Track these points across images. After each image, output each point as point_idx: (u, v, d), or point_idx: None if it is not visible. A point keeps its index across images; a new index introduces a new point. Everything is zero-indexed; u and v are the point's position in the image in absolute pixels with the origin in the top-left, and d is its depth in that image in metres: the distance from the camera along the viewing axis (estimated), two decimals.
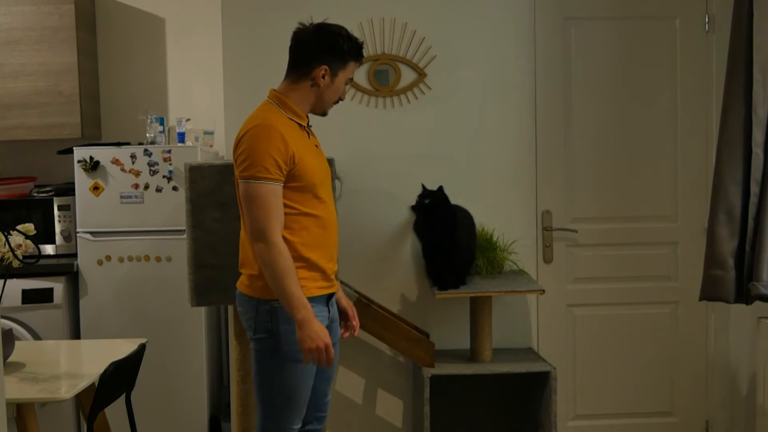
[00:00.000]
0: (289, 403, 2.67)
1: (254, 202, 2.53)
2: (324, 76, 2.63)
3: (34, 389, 2.50)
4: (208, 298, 3.28)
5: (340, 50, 2.64)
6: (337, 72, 2.65)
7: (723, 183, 3.24)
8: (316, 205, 2.63)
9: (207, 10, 4.26)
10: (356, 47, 2.68)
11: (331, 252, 2.70)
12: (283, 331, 2.61)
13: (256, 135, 2.54)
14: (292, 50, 2.68)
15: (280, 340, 2.61)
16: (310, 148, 2.66)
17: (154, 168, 3.82)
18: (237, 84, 3.75)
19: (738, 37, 3.21)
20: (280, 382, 2.65)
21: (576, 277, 3.93)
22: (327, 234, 2.67)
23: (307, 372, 2.66)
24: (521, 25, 3.82)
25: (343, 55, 2.65)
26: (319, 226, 2.63)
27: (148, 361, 3.08)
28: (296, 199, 2.59)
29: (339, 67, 2.65)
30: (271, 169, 2.51)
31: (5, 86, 4.05)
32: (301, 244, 2.59)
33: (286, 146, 2.52)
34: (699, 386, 3.99)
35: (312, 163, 2.61)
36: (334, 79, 2.65)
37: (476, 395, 3.86)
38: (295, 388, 2.65)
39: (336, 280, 2.79)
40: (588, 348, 3.95)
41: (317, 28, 2.68)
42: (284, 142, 2.52)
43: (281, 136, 2.52)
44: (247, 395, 3.41)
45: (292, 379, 2.64)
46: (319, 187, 2.63)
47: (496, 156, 3.83)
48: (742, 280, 3.25)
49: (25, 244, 2.68)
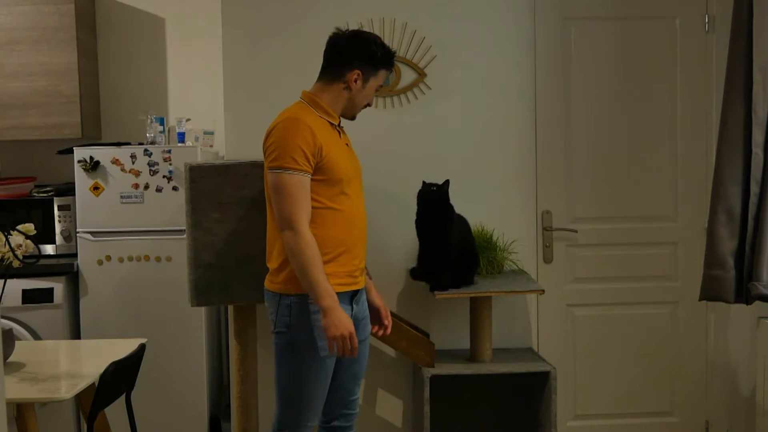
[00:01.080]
0: (302, 399, 2.70)
1: (282, 192, 2.59)
2: (356, 80, 2.73)
3: (34, 389, 2.50)
4: (208, 298, 3.28)
5: (374, 57, 2.75)
6: (369, 78, 2.76)
7: (723, 183, 3.24)
8: (343, 200, 2.69)
9: (207, 10, 4.27)
10: (388, 55, 2.79)
11: (356, 249, 2.73)
12: (299, 326, 2.66)
13: (286, 127, 2.62)
14: (327, 53, 2.79)
15: (296, 335, 2.66)
16: (339, 145, 2.73)
17: (154, 168, 3.82)
18: (237, 84, 3.75)
19: (738, 37, 3.21)
20: (295, 377, 2.69)
21: (576, 277, 3.93)
22: (352, 230, 2.71)
23: (321, 369, 2.69)
24: (521, 25, 3.82)
25: (375, 62, 2.76)
26: (344, 221, 2.69)
27: (148, 361, 3.08)
28: (322, 193, 2.65)
29: (371, 73, 2.76)
30: (299, 160, 2.58)
31: (5, 86, 4.05)
32: (325, 238, 2.64)
33: (314, 139, 2.60)
34: (699, 386, 3.99)
35: (340, 159, 2.68)
36: (365, 84, 2.76)
37: (476, 395, 3.86)
38: (309, 384, 2.69)
39: (365, 277, 2.86)
40: (588, 348, 3.95)
41: (353, 34, 2.80)
42: (312, 134, 2.60)
43: (310, 128, 2.60)
44: (247, 395, 3.42)
45: (307, 374, 2.68)
46: (346, 183, 2.69)
47: (496, 156, 3.83)
48: (742, 280, 3.25)
49: (25, 244, 2.68)
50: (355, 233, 2.73)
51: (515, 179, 3.86)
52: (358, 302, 2.79)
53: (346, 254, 2.70)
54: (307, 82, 3.74)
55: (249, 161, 3.28)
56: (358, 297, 2.79)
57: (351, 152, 2.81)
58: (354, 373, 2.85)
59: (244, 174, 3.25)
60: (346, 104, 2.76)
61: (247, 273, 3.21)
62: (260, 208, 3.25)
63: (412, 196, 3.51)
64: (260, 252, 2.86)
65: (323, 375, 2.72)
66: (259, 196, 3.25)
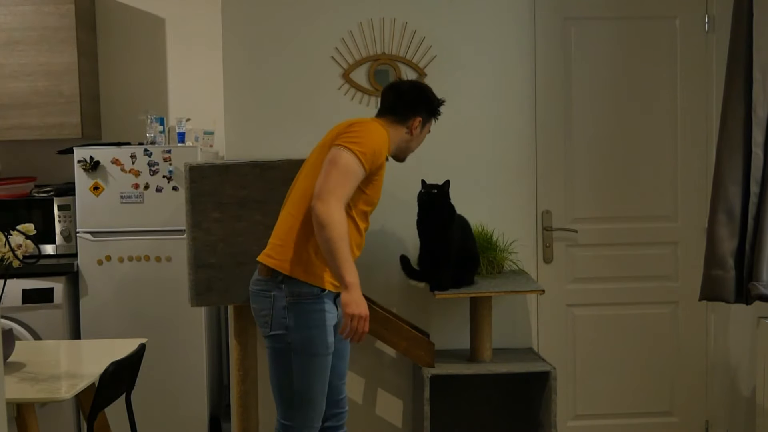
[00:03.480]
0: (309, 401, 2.71)
1: (338, 167, 2.63)
2: (417, 127, 2.90)
3: (34, 389, 2.50)
4: (208, 298, 3.28)
5: (432, 106, 2.97)
6: (426, 124, 2.97)
7: (723, 183, 3.24)
8: (364, 221, 2.82)
9: (207, 10, 4.27)
10: (440, 105, 3.01)
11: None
12: (298, 328, 2.66)
13: (374, 129, 2.78)
14: (390, 98, 2.94)
15: (296, 336, 2.66)
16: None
17: (154, 168, 3.82)
18: (237, 84, 3.75)
19: (738, 37, 3.22)
20: (299, 380, 2.69)
21: (576, 277, 3.93)
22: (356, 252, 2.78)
23: (324, 368, 2.71)
24: (521, 25, 3.82)
25: (433, 111, 2.98)
26: (356, 240, 2.76)
27: (148, 361, 3.08)
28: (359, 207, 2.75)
29: (427, 120, 2.97)
30: (368, 157, 2.67)
31: (5, 86, 4.05)
32: None
33: (384, 154, 2.78)
34: (699, 386, 3.99)
35: (381, 188, 2.84)
36: (422, 130, 2.96)
37: (476, 395, 3.86)
38: (314, 386, 2.70)
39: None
40: (588, 348, 3.95)
41: (416, 84, 3.07)
42: (385, 151, 2.79)
43: (386, 146, 2.80)
44: (247, 395, 3.42)
45: (311, 376, 2.69)
46: (373, 209, 2.85)
47: (496, 156, 3.83)
48: (742, 280, 3.25)
49: (25, 244, 2.68)
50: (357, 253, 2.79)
51: (515, 179, 3.86)
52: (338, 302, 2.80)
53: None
54: (306, 82, 3.77)
55: (249, 161, 3.29)
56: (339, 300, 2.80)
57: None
58: (341, 372, 2.91)
59: (244, 174, 3.25)
60: (403, 146, 2.93)
61: (247, 273, 3.20)
62: (260, 208, 3.25)
63: (412, 196, 3.51)
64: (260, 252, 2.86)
65: (326, 376, 2.74)
66: (259, 196, 3.25)
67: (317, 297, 2.69)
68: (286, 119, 3.74)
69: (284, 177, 3.25)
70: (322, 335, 2.68)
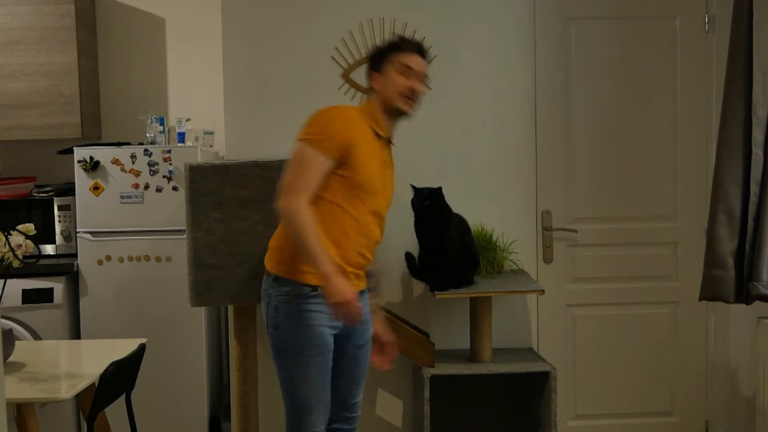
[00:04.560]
0: (302, 403, 2.67)
1: (291, 161, 2.60)
2: (376, 79, 2.75)
3: (34, 389, 2.50)
4: (208, 298, 3.28)
5: (380, 53, 2.78)
6: (381, 68, 2.73)
7: (723, 183, 3.24)
8: (357, 204, 2.64)
9: (207, 10, 4.27)
10: (396, 42, 2.80)
11: (349, 254, 2.66)
12: (286, 328, 2.64)
13: (328, 110, 2.68)
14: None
15: (284, 337, 2.65)
16: (376, 155, 2.70)
17: (154, 168, 3.82)
18: (237, 84, 3.75)
19: (738, 37, 3.22)
20: (290, 380, 2.68)
21: (576, 277, 3.93)
22: (353, 237, 2.65)
23: (314, 372, 2.65)
24: (521, 25, 3.82)
25: (381, 54, 2.77)
26: (349, 226, 2.64)
27: (148, 361, 3.08)
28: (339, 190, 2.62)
29: (382, 64, 2.74)
30: (319, 136, 2.59)
31: (5, 86, 4.05)
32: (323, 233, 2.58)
33: (347, 130, 2.61)
34: (699, 386, 3.99)
35: (370, 167, 2.66)
36: (384, 75, 2.73)
37: (476, 395, 3.86)
38: (305, 387, 2.66)
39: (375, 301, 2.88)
40: (588, 348, 3.95)
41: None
42: (348, 127, 2.62)
43: (347, 120, 2.64)
44: (247, 395, 3.42)
45: (301, 378, 2.66)
46: (368, 192, 2.66)
47: (496, 156, 3.83)
48: (742, 280, 3.26)
49: (26, 244, 2.68)
50: (355, 242, 2.66)
51: (515, 179, 3.86)
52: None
53: (340, 257, 2.62)
54: (306, 81, 3.77)
55: (249, 161, 3.28)
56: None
57: (387, 171, 2.78)
58: (353, 376, 2.81)
59: (244, 174, 3.25)
60: (383, 104, 2.73)
61: (247, 273, 3.21)
62: (260, 208, 3.25)
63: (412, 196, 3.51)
64: (260, 252, 2.86)
65: (318, 378, 2.66)
66: (259, 196, 3.25)
67: (306, 296, 2.63)
68: (286, 119, 3.73)
69: None
70: (309, 335, 2.63)
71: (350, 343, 2.76)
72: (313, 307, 2.63)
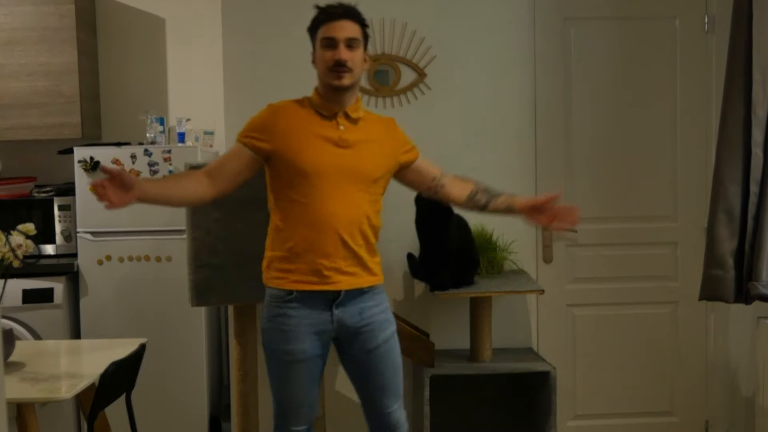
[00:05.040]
0: (279, 401, 2.68)
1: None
2: (313, 55, 2.70)
3: (34, 389, 2.50)
4: (208, 298, 3.28)
5: (310, 27, 2.70)
6: (313, 48, 2.70)
7: (723, 183, 3.24)
8: (310, 194, 2.57)
9: (207, 10, 4.27)
10: (316, 16, 2.68)
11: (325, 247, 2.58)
12: (266, 329, 2.66)
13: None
14: None
15: (265, 337, 2.67)
16: (320, 137, 2.61)
17: (154, 168, 3.82)
18: (237, 84, 3.75)
19: (738, 37, 3.22)
20: (271, 379, 2.69)
21: (576, 277, 3.93)
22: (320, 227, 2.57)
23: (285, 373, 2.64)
24: (521, 25, 3.82)
25: (311, 29, 2.70)
26: (312, 217, 2.57)
27: (148, 361, 3.08)
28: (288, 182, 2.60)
29: (313, 43, 2.70)
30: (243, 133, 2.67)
31: (5, 86, 4.05)
32: (291, 231, 2.59)
33: (273, 122, 2.62)
34: (699, 386, 3.99)
35: (310, 151, 2.58)
36: (315, 55, 2.69)
37: (476, 395, 3.86)
38: (280, 387, 2.66)
39: (507, 198, 2.82)
40: (588, 348, 3.95)
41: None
42: (273, 119, 2.63)
43: (273, 113, 2.65)
44: (247, 395, 3.42)
45: (275, 378, 2.67)
46: (317, 176, 2.57)
47: (496, 156, 3.83)
48: (741, 280, 3.26)
49: (26, 244, 2.68)
50: (326, 232, 2.57)
51: (515, 179, 3.85)
52: (341, 306, 2.63)
53: (311, 252, 2.58)
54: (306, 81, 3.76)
55: None
56: (342, 301, 2.63)
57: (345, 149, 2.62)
58: (378, 385, 2.70)
59: None
60: (322, 83, 2.68)
61: (247, 273, 3.21)
62: (260, 208, 3.25)
63: (412, 196, 3.50)
64: (260, 252, 2.86)
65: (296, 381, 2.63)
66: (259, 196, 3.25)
67: (281, 300, 2.61)
68: None
69: None
70: (285, 339, 2.61)
71: (356, 347, 2.68)
72: (288, 312, 2.61)
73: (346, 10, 2.65)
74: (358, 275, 2.67)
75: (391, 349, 2.71)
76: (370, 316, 2.68)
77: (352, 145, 2.64)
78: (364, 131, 2.69)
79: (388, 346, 2.70)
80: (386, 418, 2.72)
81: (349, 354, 2.70)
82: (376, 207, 2.73)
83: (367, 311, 2.67)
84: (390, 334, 2.71)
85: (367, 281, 2.69)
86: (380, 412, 2.72)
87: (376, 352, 2.67)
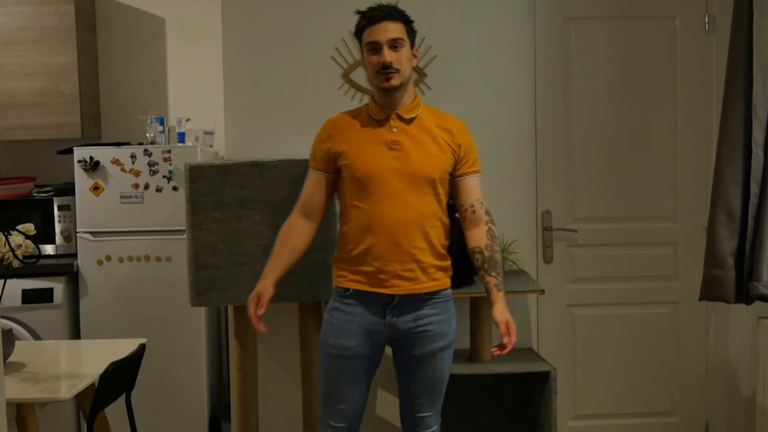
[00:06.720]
0: (322, 395, 2.74)
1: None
2: (363, 60, 2.74)
3: (34, 389, 2.50)
4: (208, 298, 3.28)
5: (355, 33, 2.74)
6: (361, 50, 2.73)
7: (723, 183, 3.24)
8: (364, 198, 2.62)
9: (207, 10, 4.27)
10: (357, 24, 2.72)
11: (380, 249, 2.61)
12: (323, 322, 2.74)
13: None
14: None
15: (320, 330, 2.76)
16: (372, 143, 2.65)
17: (154, 168, 3.82)
18: (237, 84, 3.75)
19: (738, 37, 3.21)
20: (320, 369, 2.76)
21: (576, 277, 3.93)
22: (375, 230, 2.60)
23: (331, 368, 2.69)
24: (521, 25, 3.82)
25: (357, 35, 2.74)
26: (366, 220, 2.62)
27: (148, 361, 3.08)
28: (349, 190, 2.67)
29: (360, 45, 2.74)
30: (311, 158, 2.75)
31: (5, 86, 4.05)
32: (349, 234, 2.67)
33: (322, 143, 2.72)
34: (699, 386, 3.99)
35: (363, 158, 2.63)
36: (364, 62, 2.73)
37: (476, 395, 3.86)
38: (323, 382, 2.73)
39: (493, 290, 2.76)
40: (588, 348, 3.95)
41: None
42: (322, 138, 2.73)
43: (323, 132, 2.75)
44: (247, 395, 3.42)
45: (322, 372, 2.73)
46: (368, 182, 2.62)
47: (496, 156, 3.83)
48: (742, 280, 3.25)
49: (25, 244, 2.68)
50: (381, 235, 2.60)
51: (515, 179, 3.86)
52: (395, 310, 2.65)
53: (369, 255, 2.62)
54: (306, 82, 3.77)
55: (249, 161, 3.28)
56: (397, 305, 2.65)
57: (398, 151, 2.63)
58: (415, 391, 2.72)
59: (243, 174, 3.25)
60: (374, 87, 2.71)
61: (247, 273, 3.21)
62: (260, 208, 3.25)
63: None
64: (260, 252, 2.86)
65: (334, 376, 2.69)
66: (259, 196, 3.25)
67: (339, 295, 2.71)
68: (286, 119, 3.74)
69: (284, 177, 3.25)
70: (329, 331, 2.69)
71: (405, 350, 2.70)
72: (343, 307, 2.68)
73: (386, 11, 2.68)
74: (417, 280, 2.67)
75: (438, 361, 2.71)
76: (425, 324, 2.69)
77: (405, 146, 2.65)
78: (420, 131, 2.69)
79: (435, 357, 2.71)
80: (420, 422, 2.75)
81: (398, 355, 2.75)
82: (439, 206, 2.72)
83: (422, 319, 2.69)
84: (440, 347, 2.72)
85: (426, 287, 2.69)
86: (411, 417, 2.76)
87: (421, 359, 2.69)
